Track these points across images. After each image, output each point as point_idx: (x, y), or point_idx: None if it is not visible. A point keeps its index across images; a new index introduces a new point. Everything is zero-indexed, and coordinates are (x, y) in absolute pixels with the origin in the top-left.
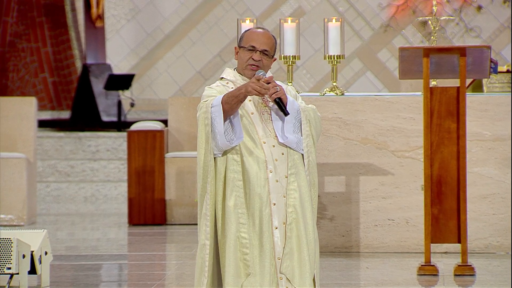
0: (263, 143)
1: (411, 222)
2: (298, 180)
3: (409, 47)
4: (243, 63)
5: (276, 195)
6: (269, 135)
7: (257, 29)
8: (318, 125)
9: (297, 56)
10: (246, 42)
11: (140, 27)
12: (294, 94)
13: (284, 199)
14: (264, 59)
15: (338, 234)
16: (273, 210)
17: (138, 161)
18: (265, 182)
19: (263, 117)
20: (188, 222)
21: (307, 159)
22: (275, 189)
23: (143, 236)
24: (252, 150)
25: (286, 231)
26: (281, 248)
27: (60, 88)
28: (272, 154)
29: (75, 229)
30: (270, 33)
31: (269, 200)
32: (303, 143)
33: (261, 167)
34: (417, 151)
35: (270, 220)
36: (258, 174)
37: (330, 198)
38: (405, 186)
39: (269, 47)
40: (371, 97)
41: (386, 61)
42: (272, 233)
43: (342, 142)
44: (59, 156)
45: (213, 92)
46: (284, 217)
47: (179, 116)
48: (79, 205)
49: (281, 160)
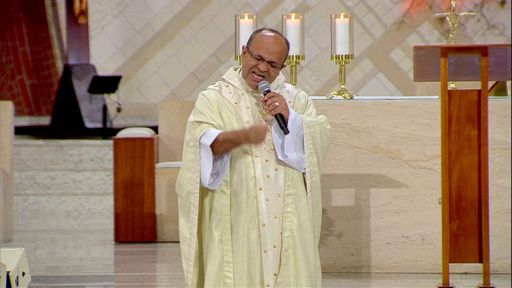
0: (255, 157)
1: (428, 239)
2: (297, 203)
3: (425, 46)
4: (247, 69)
5: (266, 215)
6: (263, 148)
7: (268, 34)
8: (324, 142)
9: (302, 56)
10: (254, 48)
11: (128, 23)
12: (305, 102)
13: (276, 219)
14: (271, 70)
15: (346, 252)
16: (262, 232)
17: (125, 172)
18: (253, 201)
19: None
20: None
21: (310, 179)
22: (265, 209)
23: (131, 255)
24: (241, 167)
25: (281, 257)
26: (272, 275)
27: (39, 91)
28: (263, 170)
29: (56, 247)
30: (283, 39)
31: (257, 221)
32: (306, 162)
33: (250, 184)
34: (434, 161)
35: (258, 243)
36: (247, 194)
37: (338, 213)
38: (421, 199)
39: (278, 57)
40: (383, 101)
41: (399, 62)
42: (260, 257)
43: (351, 150)
44: (38, 166)
45: (205, 110)
46: (277, 240)
47: (170, 122)
48: (60, 221)
49: (274, 177)
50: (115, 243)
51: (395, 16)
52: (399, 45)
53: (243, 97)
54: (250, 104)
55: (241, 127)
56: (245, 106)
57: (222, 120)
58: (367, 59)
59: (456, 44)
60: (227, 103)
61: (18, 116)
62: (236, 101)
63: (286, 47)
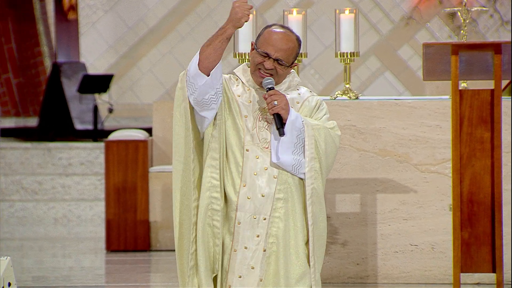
0: (246, 151)
1: (438, 248)
2: (287, 208)
3: (435, 43)
4: (253, 65)
5: (244, 213)
6: (257, 143)
7: (277, 30)
8: (329, 148)
9: (304, 54)
10: (261, 44)
11: (120, 19)
12: (315, 105)
13: (255, 220)
14: (279, 69)
15: (351, 262)
16: (235, 229)
17: (117, 176)
18: (236, 197)
19: (259, 123)
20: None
21: (310, 186)
22: (244, 207)
23: (123, 264)
24: (231, 161)
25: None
26: (237, 277)
27: (26, 91)
28: (251, 167)
29: (44, 256)
30: (294, 36)
31: (234, 217)
32: (306, 167)
33: (236, 179)
34: (444, 165)
35: (230, 240)
36: (233, 188)
37: (343, 220)
38: (430, 205)
39: (285, 55)
40: (390, 101)
41: (408, 60)
42: (229, 257)
43: (356, 154)
44: (25, 170)
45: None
46: (250, 242)
47: (165, 123)
48: (48, 228)
49: (261, 175)
50: (107, 252)
51: (403, 11)
52: (408, 42)
53: (249, 92)
54: (253, 100)
55: (238, 119)
56: (247, 100)
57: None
58: (374, 57)
59: (467, 41)
60: (231, 93)
61: (3, 117)
62: (240, 94)
63: (296, 44)
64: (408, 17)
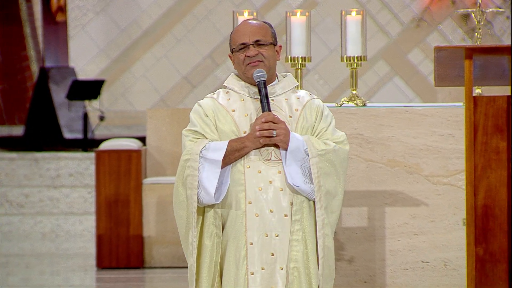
0: (247, 168)
1: (450, 265)
2: (304, 229)
3: (447, 46)
4: (241, 66)
5: (256, 232)
6: (258, 159)
7: (241, 24)
8: (339, 169)
9: (308, 58)
10: (235, 42)
11: (112, 21)
12: (317, 114)
13: (267, 238)
14: (263, 51)
15: (358, 279)
16: (249, 251)
17: (109, 188)
18: (243, 216)
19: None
20: (171, 265)
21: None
22: (253, 225)
23: (115, 282)
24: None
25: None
26: None
27: (11, 98)
28: (254, 182)
29: (31, 274)
30: (260, 21)
31: (245, 238)
32: (316, 197)
33: (239, 197)
34: (458, 176)
35: (245, 263)
36: (236, 208)
37: (349, 235)
38: (443, 220)
39: (261, 35)
40: (400, 108)
41: (418, 64)
42: (246, 279)
43: (363, 164)
44: (11, 182)
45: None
46: (267, 262)
47: (160, 132)
48: (35, 244)
49: (266, 190)
50: (97, 269)
51: (414, 12)
52: (418, 45)
53: (243, 103)
54: (250, 112)
55: (236, 136)
56: (243, 114)
57: (217, 130)
58: (382, 61)
59: (482, 44)
60: (223, 110)
61: None
62: (234, 108)
63: (265, 25)
64: (418, 19)
